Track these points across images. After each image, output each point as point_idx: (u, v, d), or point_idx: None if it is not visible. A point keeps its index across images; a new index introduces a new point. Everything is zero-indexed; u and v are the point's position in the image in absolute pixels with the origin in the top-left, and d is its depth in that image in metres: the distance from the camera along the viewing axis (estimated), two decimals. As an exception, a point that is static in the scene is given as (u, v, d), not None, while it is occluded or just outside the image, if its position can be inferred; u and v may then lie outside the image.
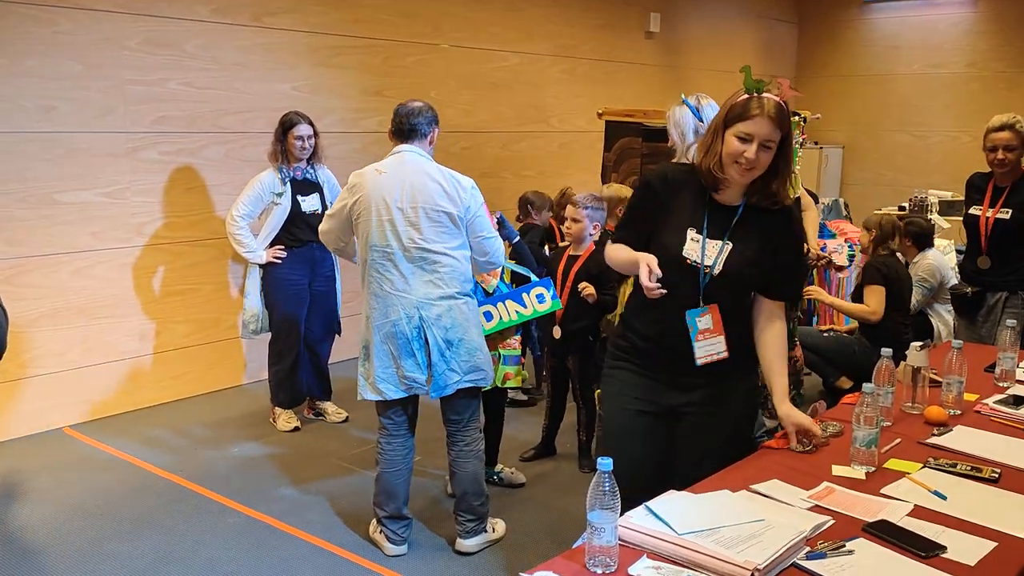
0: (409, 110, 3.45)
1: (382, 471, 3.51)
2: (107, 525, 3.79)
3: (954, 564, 1.86)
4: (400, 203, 3.31)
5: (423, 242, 3.31)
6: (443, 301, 3.34)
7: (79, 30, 4.80)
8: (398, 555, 3.52)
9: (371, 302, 3.41)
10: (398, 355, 3.35)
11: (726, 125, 2.47)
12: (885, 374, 2.68)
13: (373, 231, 3.34)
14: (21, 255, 4.72)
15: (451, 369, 3.36)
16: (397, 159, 3.42)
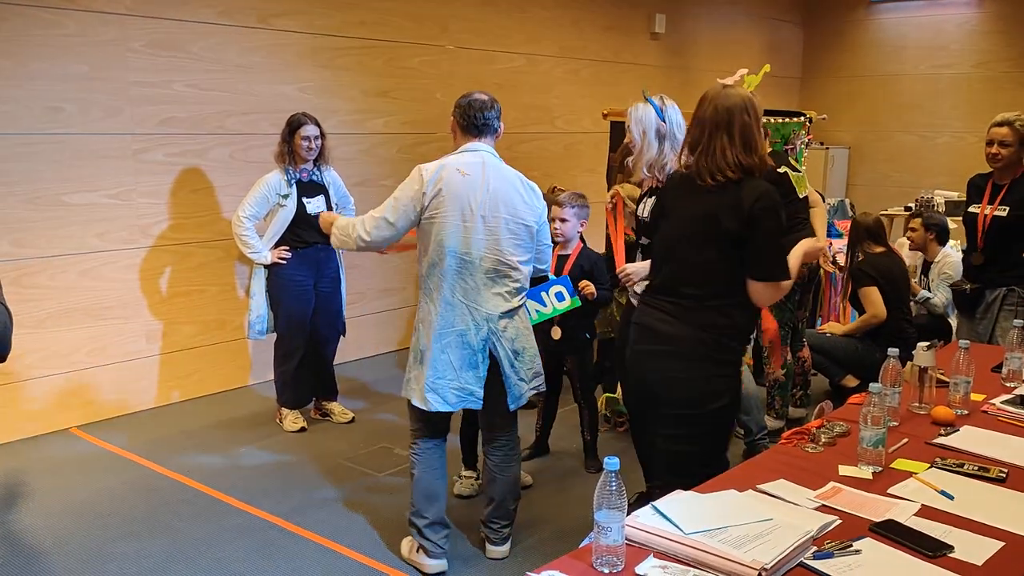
0: (481, 103, 3.25)
1: (421, 474, 3.39)
2: (114, 525, 3.80)
3: (961, 564, 1.86)
4: (483, 210, 3.16)
5: (500, 254, 3.19)
6: (510, 312, 3.26)
7: (86, 32, 4.81)
8: (439, 571, 3.36)
9: (435, 308, 3.22)
10: (459, 366, 3.21)
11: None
12: (892, 374, 2.68)
13: (452, 235, 3.15)
14: (28, 256, 4.74)
15: (520, 379, 3.30)
16: (476, 159, 3.22)
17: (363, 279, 6.37)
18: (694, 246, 2.72)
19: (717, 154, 2.67)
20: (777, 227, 2.69)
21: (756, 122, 2.69)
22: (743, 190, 2.64)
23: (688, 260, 2.74)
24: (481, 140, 3.28)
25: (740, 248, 2.66)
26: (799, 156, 5.64)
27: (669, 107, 3.42)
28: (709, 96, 2.74)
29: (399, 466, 4.44)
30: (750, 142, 2.67)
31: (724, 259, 2.68)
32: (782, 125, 5.46)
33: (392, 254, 4.18)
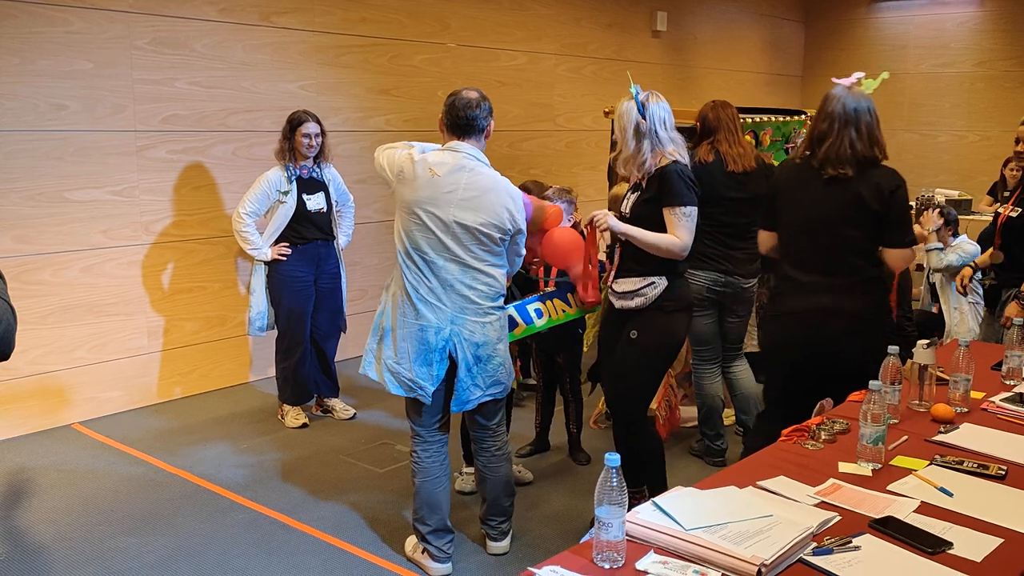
0: (465, 102, 3.15)
1: (421, 483, 3.35)
2: (116, 521, 3.81)
3: (960, 560, 1.87)
4: (447, 216, 3.10)
5: (469, 258, 3.14)
6: (478, 317, 3.20)
7: (91, 29, 4.82)
8: (444, 575, 3.40)
9: (401, 295, 3.21)
10: (414, 358, 3.19)
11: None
12: (892, 371, 2.68)
13: (415, 234, 3.14)
14: (31, 252, 4.75)
15: (475, 384, 3.25)
16: (453, 160, 3.15)
17: (365, 276, 6.38)
18: (839, 227, 3.09)
19: (845, 146, 3.06)
20: (907, 202, 3.16)
21: (876, 121, 3.15)
22: (879, 176, 3.07)
23: (834, 240, 3.11)
24: (465, 140, 3.20)
25: (879, 225, 3.07)
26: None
27: (652, 104, 3.26)
28: (836, 95, 3.16)
29: (400, 462, 4.45)
30: (873, 138, 3.11)
31: (868, 237, 3.09)
32: (782, 123, 5.47)
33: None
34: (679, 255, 3.27)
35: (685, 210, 3.24)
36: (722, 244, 4.12)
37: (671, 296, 3.32)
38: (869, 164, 3.09)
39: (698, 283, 4.13)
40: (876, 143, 3.12)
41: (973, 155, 9.70)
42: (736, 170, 4.07)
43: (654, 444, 3.59)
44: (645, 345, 3.35)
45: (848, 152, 3.06)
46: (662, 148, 3.26)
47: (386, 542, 3.63)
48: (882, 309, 3.21)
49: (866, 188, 3.06)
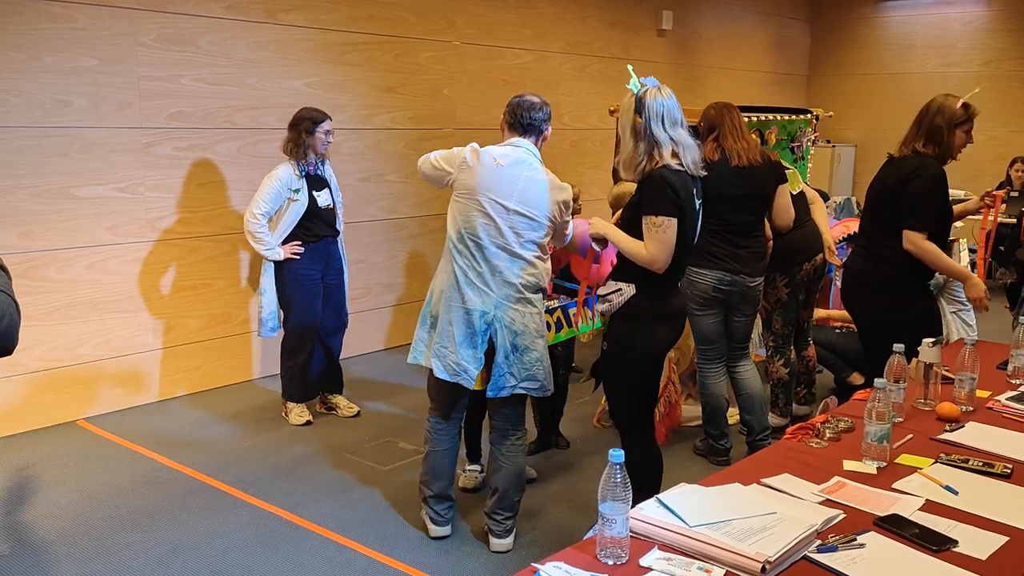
0: (530, 104, 3.39)
1: (431, 450, 3.56)
2: (120, 517, 3.82)
3: (965, 558, 1.87)
4: (508, 202, 3.27)
5: (517, 245, 3.30)
6: (519, 305, 3.34)
7: (96, 26, 4.83)
8: (442, 536, 3.59)
9: (452, 281, 3.36)
10: (460, 341, 3.34)
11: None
12: (897, 370, 2.68)
13: (473, 219, 3.30)
14: (36, 249, 4.76)
15: (510, 372, 3.36)
16: (515, 154, 3.35)
17: (369, 274, 6.39)
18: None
19: (906, 138, 3.65)
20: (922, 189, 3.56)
21: (948, 126, 3.60)
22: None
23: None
24: (526, 138, 3.40)
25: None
26: (805, 154, 5.64)
27: (650, 100, 3.06)
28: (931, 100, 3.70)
29: (403, 459, 4.46)
30: (933, 137, 3.59)
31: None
32: (788, 122, 5.46)
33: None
34: (648, 267, 3.07)
35: (656, 220, 3.02)
36: (728, 243, 4.11)
37: (639, 306, 3.13)
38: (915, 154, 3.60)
39: (704, 282, 4.12)
40: (936, 143, 3.60)
41: (979, 155, 9.65)
42: (741, 164, 4.06)
43: (644, 459, 3.31)
44: (614, 357, 3.25)
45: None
46: (660, 150, 3.06)
47: (389, 539, 3.63)
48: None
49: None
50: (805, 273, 4.61)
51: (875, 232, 3.75)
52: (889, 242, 3.66)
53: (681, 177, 3.07)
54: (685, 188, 3.07)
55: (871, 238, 3.78)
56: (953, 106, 3.61)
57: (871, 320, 3.79)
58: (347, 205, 6.13)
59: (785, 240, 4.46)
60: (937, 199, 3.60)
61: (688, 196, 3.09)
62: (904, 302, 3.71)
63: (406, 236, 6.60)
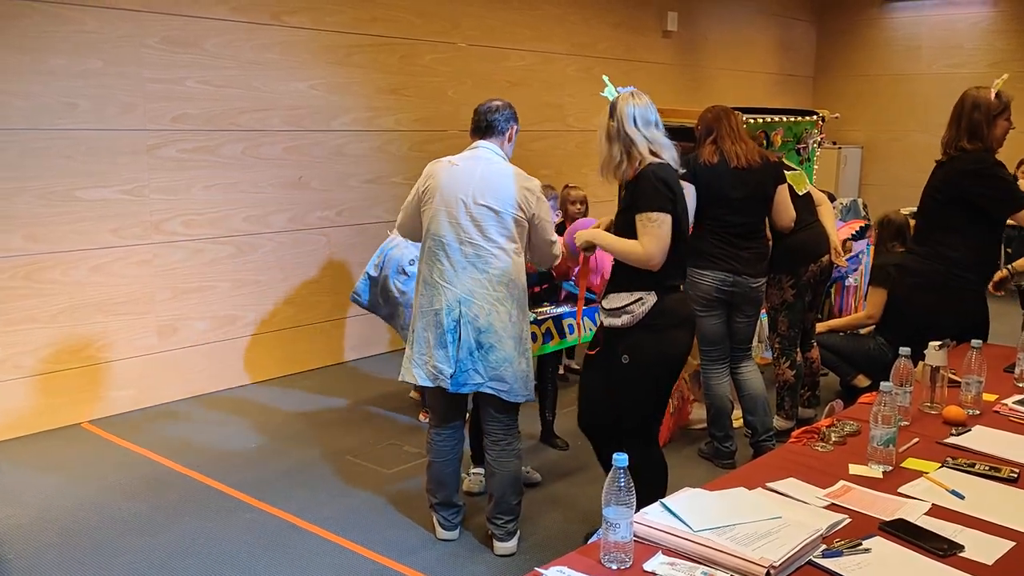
0: (487, 107, 3.48)
1: (431, 460, 3.58)
2: (124, 519, 3.82)
3: (972, 563, 1.85)
4: (465, 196, 3.31)
5: (479, 238, 3.31)
6: (486, 302, 3.32)
7: (102, 28, 4.84)
8: (449, 539, 3.63)
9: (420, 289, 3.44)
10: (433, 344, 3.37)
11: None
12: (903, 373, 2.67)
13: (433, 219, 3.36)
14: (41, 251, 4.76)
15: (475, 369, 3.34)
16: (471, 153, 3.45)
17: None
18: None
19: (947, 140, 3.71)
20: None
21: (987, 119, 3.63)
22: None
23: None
24: (486, 139, 3.47)
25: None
26: (811, 155, 5.62)
27: (623, 104, 3.09)
28: (961, 96, 3.74)
29: (408, 463, 4.45)
30: (975, 133, 3.63)
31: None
32: (794, 124, 5.44)
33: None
34: (644, 265, 3.02)
35: (652, 216, 2.97)
36: (729, 244, 4.10)
37: (662, 312, 3.07)
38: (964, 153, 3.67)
39: (706, 283, 4.12)
40: (978, 138, 3.65)
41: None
42: (740, 166, 4.06)
43: (645, 463, 3.18)
44: (639, 367, 3.12)
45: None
46: (637, 148, 3.03)
47: (393, 543, 3.63)
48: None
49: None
50: (811, 275, 4.60)
51: (932, 234, 3.79)
52: (951, 242, 3.71)
53: (669, 171, 3.07)
54: (676, 182, 3.10)
55: (927, 238, 3.81)
56: (988, 98, 3.65)
57: (928, 320, 3.72)
58: (352, 207, 6.15)
59: (792, 241, 4.45)
60: (1009, 178, 3.69)
61: (680, 190, 3.10)
62: (962, 302, 3.76)
63: (411, 238, 6.59)
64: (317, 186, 5.94)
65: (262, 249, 5.71)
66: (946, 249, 3.73)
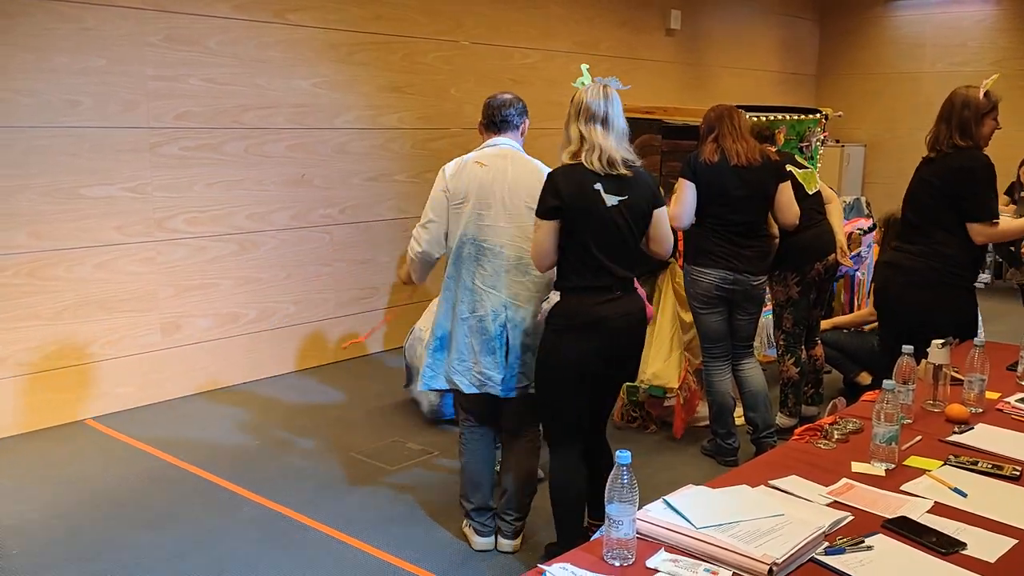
0: (500, 102, 3.41)
1: (466, 462, 3.53)
2: (128, 516, 3.83)
3: (974, 561, 1.86)
4: (503, 199, 3.26)
5: (521, 240, 3.25)
6: (530, 304, 3.30)
7: (104, 26, 4.84)
8: (485, 548, 3.52)
9: (458, 294, 3.34)
10: (479, 351, 3.31)
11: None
12: (906, 371, 2.67)
13: (470, 223, 3.28)
14: (45, 248, 4.77)
15: (522, 372, 3.33)
16: (495, 152, 3.36)
17: (376, 274, 6.39)
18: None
19: (935, 138, 3.69)
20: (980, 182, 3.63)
21: (975, 116, 3.61)
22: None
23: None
24: (502, 135, 3.41)
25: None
26: (815, 153, 5.61)
27: (577, 97, 3.23)
28: (950, 95, 3.70)
29: (411, 460, 4.46)
30: (966, 131, 3.61)
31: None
32: (798, 122, 5.44)
33: None
34: (536, 267, 3.12)
35: (536, 220, 3.02)
36: (730, 242, 4.12)
37: (560, 314, 3.09)
38: (958, 151, 3.64)
39: (707, 281, 4.14)
40: (967, 135, 3.64)
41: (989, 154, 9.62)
42: (740, 164, 4.07)
43: (552, 472, 3.25)
44: (541, 366, 3.17)
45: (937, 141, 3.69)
46: (564, 144, 3.11)
47: (396, 539, 3.64)
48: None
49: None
50: (817, 272, 4.61)
51: (924, 230, 3.74)
52: (943, 239, 3.68)
53: (572, 174, 2.98)
54: (573, 185, 2.96)
55: (922, 236, 3.75)
56: (977, 96, 3.64)
57: (922, 318, 3.68)
58: (355, 205, 6.16)
59: (799, 239, 4.47)
60: (995, 186, 3.68)
61: (576, 194, 2.95)
62: (956, 299, 3.73)
63: (414, 236, 6.59)
64: (320, 184, 5.95)
65: (265, 247, 5.72)
66: (940, 247, 3.69)
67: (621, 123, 3.12)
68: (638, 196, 3.05)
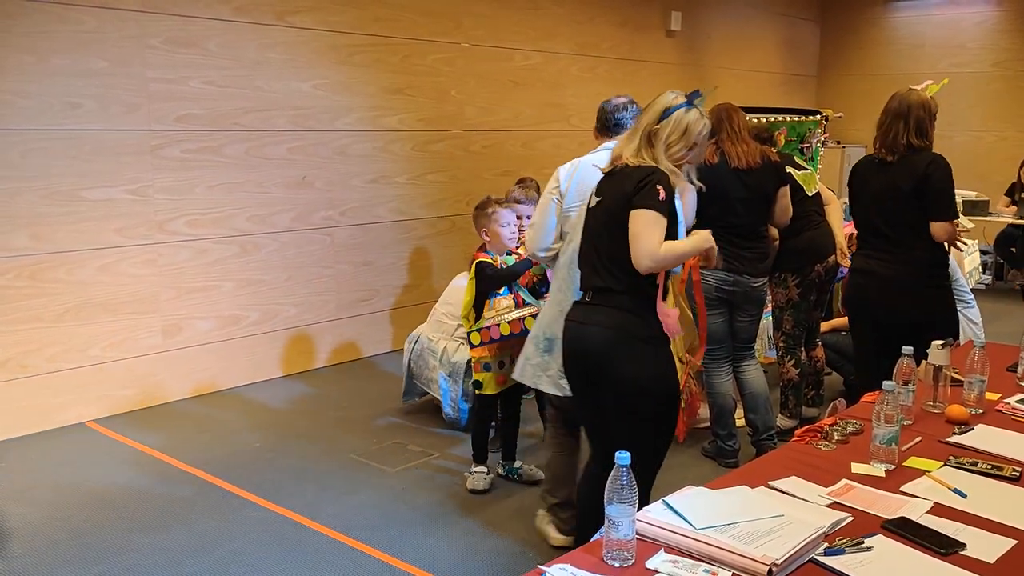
0: (614, 106, 3.41)
1: (553, 456, 3.58)
2: (130, 518, 3.83)
3: (973, 561, 1.86)
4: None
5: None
6: None
7: (104, 28, 4.85)
8: (564, 545, 3.41)
9: (571, 298, 3.14)
10: None
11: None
12: (905, 372, 2.67)
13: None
14: (46, 251, 4.78)
15: None
16: (608, 156, 3.27)
17: (377, 276, 6.39)
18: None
19: (893, 137, 3.67)
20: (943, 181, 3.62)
21: (929, 118, 3.65)
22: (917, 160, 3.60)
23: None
24: (612, 139, 3.35)
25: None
26: (815, 154, 5.62)
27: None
28: (897, 95, 3.72)
29: (412, 462, 4.46)
30: (922, 130, 3.63)
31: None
32: (798, 123, 5.45)
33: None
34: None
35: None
36: (730, 244, 4.12)
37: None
38: (916, 152, 3.63)
39: (708, 282, 4.15)
40: (923, 135, 3.64)
41: (990, 156, 9.62)
42: (740, 167, 4.08)
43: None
44: None
45: (896, 142, 3.67)
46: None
47: (397, 541, 3.64)
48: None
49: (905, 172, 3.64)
50: (817, 274, 4.61)
51: (901, 233, 3.71)
52: (917, 242, 3.68)
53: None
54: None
55: (895, 240, 3.72)
56: (928, 98, 3.69)
57: (904, 321, 3.66)
58: (355, 207, 6.17)
59: (799, 241, 4.48)
60: (953, 187, 3.69)
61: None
62: (937, 300, 3.74)
63: (414, 238, 6.60)
64: (320, 186, 5.95)
65: (266, 249, 5.73)
66: (914, 250, 3.68)
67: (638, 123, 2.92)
68: (613, 194, 2.80)
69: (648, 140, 2.80)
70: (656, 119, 2.79)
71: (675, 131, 2.78)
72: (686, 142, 2.80)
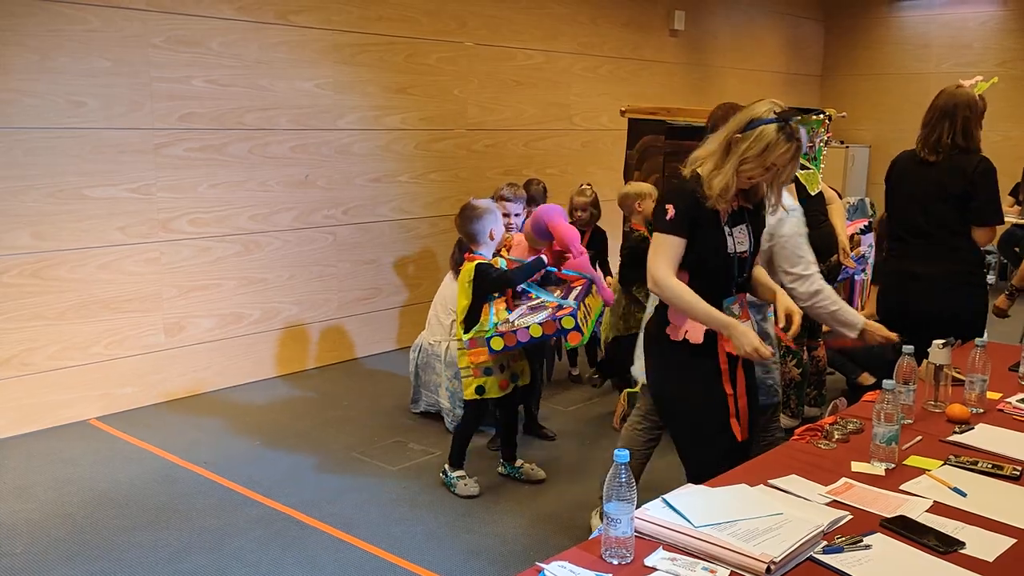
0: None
1: (634, 451, 3.55)
2: (131, 515, 3.84)
3: (972, 560, 1.85)
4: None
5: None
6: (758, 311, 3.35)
7: (108, 27, 4.86)
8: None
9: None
10: None
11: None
12: (906, 371, 2.66)
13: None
14: (49, 249, 4.79)
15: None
16: None
17: (380, 274, 6.40)
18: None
19: (938, 137, 3.61)
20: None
21: (976, 118, 3.58)
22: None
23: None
24: None
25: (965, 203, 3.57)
26: (818, 154, 5.61)
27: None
28: (945, 91, 3.64)
29: (412, 460, 4.46)
30: (968, 132, 3.57)
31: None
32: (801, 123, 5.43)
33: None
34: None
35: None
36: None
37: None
38: (962, 152, 3.60)
39: None
40: (968, 137, 3.60)
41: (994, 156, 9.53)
42: None
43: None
44: None
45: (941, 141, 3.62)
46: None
47: (398, 539, 3.64)
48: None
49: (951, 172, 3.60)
50: None
51: (945, 233, 3.70)
52: (963, 243, 3.69)
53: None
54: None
55: (939, 240, 3.72)
56: (975, 97, 3.64)
57: (948, 316, 3.61)
58: (358, 206, 6.17)
59: None
60: (999, 192, 3.70)
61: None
62: (978, 298, 3.76)
63: (417, 236, 6.60)
64: (323, 185, 5.96)
65: (268, 247, 5.73)
66: (958, 251, 3.70)
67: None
68: None
69: (726, 148, 2.62)
70: (741, 127, 2.61)
71: (754, 147, 2.58)
72: (761, 162, 2.60)
